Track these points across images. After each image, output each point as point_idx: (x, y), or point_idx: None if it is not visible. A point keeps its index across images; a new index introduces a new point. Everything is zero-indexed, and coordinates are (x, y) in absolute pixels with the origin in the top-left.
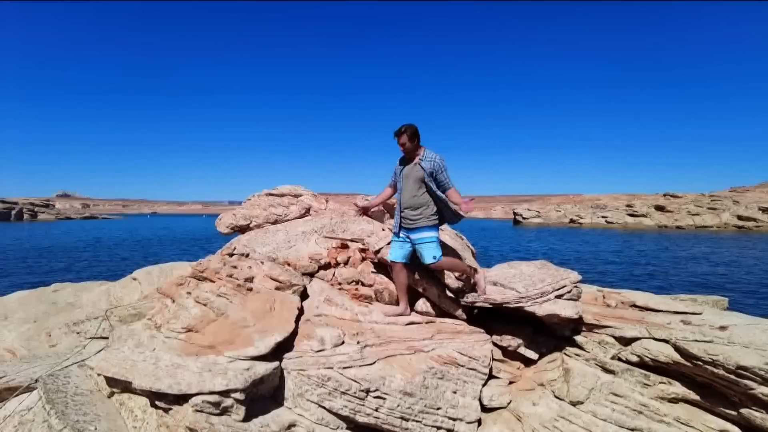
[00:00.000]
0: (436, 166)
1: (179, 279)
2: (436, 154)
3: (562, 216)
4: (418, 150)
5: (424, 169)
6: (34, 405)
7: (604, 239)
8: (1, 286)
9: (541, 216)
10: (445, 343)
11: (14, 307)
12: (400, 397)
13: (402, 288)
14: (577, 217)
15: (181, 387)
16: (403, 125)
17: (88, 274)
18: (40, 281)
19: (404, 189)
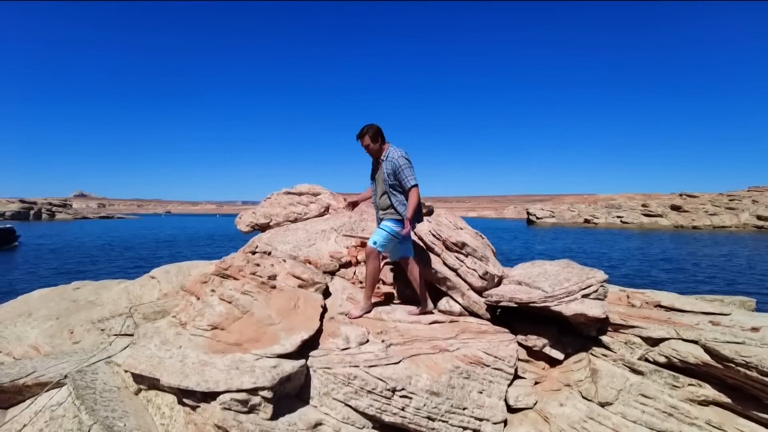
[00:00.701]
0: (395, 166)
1: (203, 277)
2: (397, 151)
3: (577, 216)
4: (383, 149)
5: (385, 170)
6: (64, 400)
7: (620, 239)
8: (24, 283)
9: (555, 216)
10: (470, 342)
11: (37, 305)
12: (427, 396)
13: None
14: (592, 217)
15: (209, 385)
16: (364, 126)
17: (107, 272)
18: (60, 279)
19: (376, 191)
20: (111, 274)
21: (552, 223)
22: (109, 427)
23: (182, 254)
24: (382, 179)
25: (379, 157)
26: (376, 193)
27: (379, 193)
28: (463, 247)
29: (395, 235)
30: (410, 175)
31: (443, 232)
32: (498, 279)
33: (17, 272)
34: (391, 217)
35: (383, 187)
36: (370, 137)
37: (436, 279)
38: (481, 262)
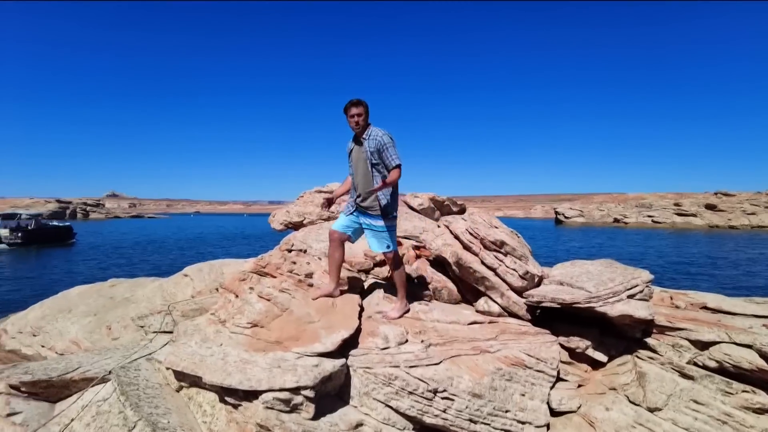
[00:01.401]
0: (380, 144)
1: (241, 274)
2: (380, 130)
3: (606, 215)
4: (366, 128)
5: (368, 149)
6: (109, 396)
7: (653, 239)
8: (64, 280)
9: (584, 215)
10: (511, 344)
11: (76, 301)
12: (469, 398)
13: (335, 264)
14: (622, 216)
15: (252, 383)
16: (356, 98)
17: (141, 270)
18: (96, 276)
19: (356, 173)
20: (145, 272)
21: (581, 222)
22: (154, 423)
23: (212, 253)
24: (363, 159)
25: (361, 135)
26: (355, 174)
27: (360, 174)
28: (502, 246)
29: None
30: (395, 154)
31: (480, 230)
32: (538, 279)
33: (75, 266)
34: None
35: (365, 167)
36: (365, 109)
37: (474, 279)
38: (520, 262)
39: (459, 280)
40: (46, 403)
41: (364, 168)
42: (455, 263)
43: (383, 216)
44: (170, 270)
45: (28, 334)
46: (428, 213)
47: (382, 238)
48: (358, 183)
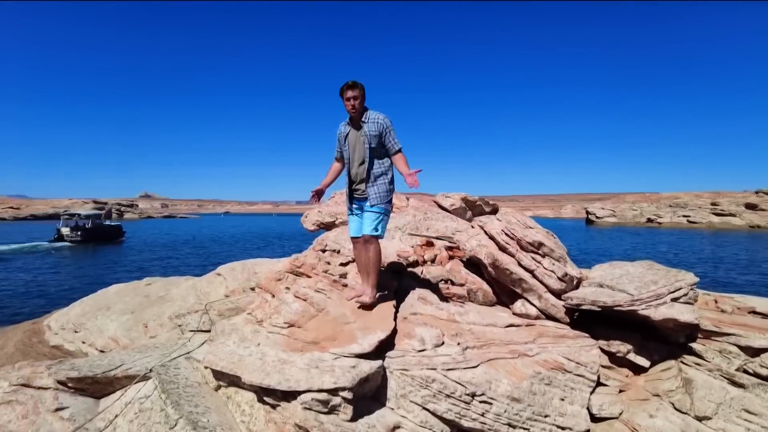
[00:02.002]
0: (382, 128)
1: (277, 274)
2: (380, 114)
3: (639, 215)
4: (364, 112)
5: (368, 132)
6: (151, 393)
7: (689, 240)
8: (101, 278)
9: (616, 215)
10: (549, 347)
11: (114, 299)
12: (507, 402)
13: (364, 267)
14: (656, 216)
15: (290, 384)
16: (352, 80)
17: (175, 269)
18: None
19: (352, 159)
20: (178, 271)
21: (613, 222)
22: (194, 422)
23: (243, 252)
24: (362, 143)
25: (359, 119)
26: (351, 161)
27: (357, 160)
28: (540, 247)
29: (386, 213)
30: (396, 138)
31: (517, 231)
32: (576, 281)
33: (124, 262)
34: (378, 200)
35: (363, 152)
36: (361, 91)
37: (511, 281)
38: (559, 263)
39: (494, 281)
40: (91, 398)
41: (363, 153)
42: (491, 264)
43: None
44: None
45: (70, 330)
46: (460, 213)
47: (374, 221)
48: (354, 167)
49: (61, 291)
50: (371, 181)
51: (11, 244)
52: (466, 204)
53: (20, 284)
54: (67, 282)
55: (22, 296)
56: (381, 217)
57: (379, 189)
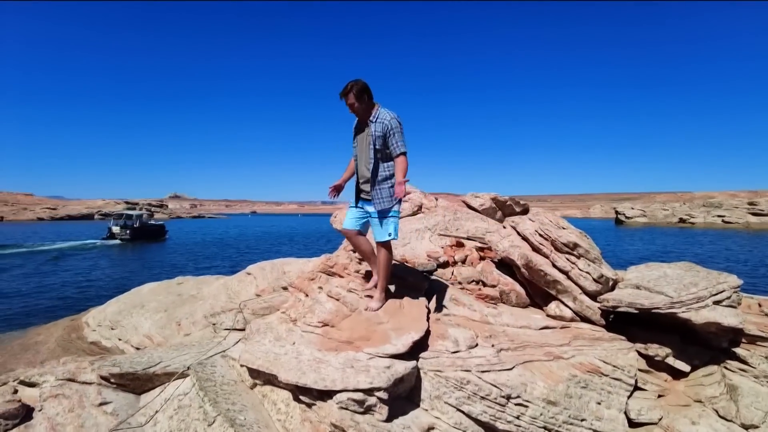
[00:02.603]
0: (386, 129)
1: (310, 274)
2: (389, 113)
3: (670, 215)
4: (371, 110)
5: (374, 133)
6: (189, 391)
7: (725, 241)
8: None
9: (646, 215)
10: (585, 350)
11: (148, 297)
12: (543, 405)
13: (368, 256)
14: (688, 216)
15: (326, 383)
16: (348, 82)
17: (205, 268)
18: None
19: (359, 157)
20: (209, 270)
21: (643, 222)
22: (232, 419)
23: (271, 251)
24: (367, 144)
25: (366, 119)
26: (358, 160)
27: (363, 160)
28: (575, 248)
29: (397, 214)
30: (401, 141)
31: (551, 231)
32: (612, 283)
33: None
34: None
35: (368, 153)
36: (355, 95)
37: (545, 282)
38: (594, 265)
39: (527, 282)
40: (132, 394)
41: (367, 152)
42: (524, 266)
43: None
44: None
45: (106, 327)
46: (489, 213)
47: (386, 225)
48: (360, 168)
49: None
50: (376, 185)
51: (72, 241)
52: (495, 204)
53: (70, 279)
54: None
55: (70, 290)
56: (393, 220)
57: (383, 194)
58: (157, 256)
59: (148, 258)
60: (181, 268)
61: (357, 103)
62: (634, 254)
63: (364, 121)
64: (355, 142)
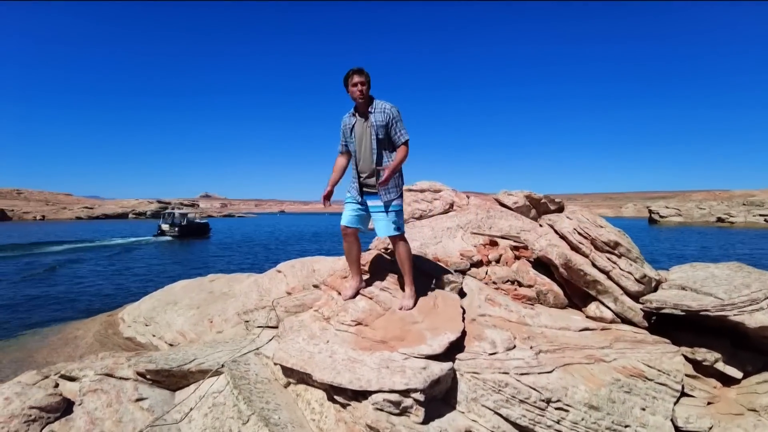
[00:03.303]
0: (389, 117)
1: (343, 272)
2: (387, 103)
3: (707, 214)
4: (370, 101)
5: (376, 122)
6: (223, 389)
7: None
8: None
9: (681, 214)
10: (628, 353)
11: (180, 295)
12: (585, 410)
13: (354, 259)
14: (727, 215)
15: (362, 383)
16: (357, 66)
17: (236, 265)
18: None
19: (359, 152)
20: (240, 268)
21: (678, 222)
22: (266, 418)
23: (300, 249)
24: (369, 134)
25: (365, 110)
26: (358, 153)
27: (366, 153)
28: (616, 247)
29: (401, 208)
30: (404, 129)
31: (590, 230)
32: (655, 283)
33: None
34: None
35: (371, 144)
36: (368, 78)
37: (584, 282)
38: (636, 264)
39: (565, 282)
40: (167, 391)
41: (370, 144)
42: (563, 265)
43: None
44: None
45: (141, 323)
46: (523, 212)
47: (391, 220)
48: (362, 161)
49: (155, 279)
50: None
51: (128, 238)
52: (530, 202)
53: (119, 273)
54: (159, 272)
55: (116, 284)
56: (398, 213)
57: (389, 184)
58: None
59: (195, 252)
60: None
61: (368, 85)
62: (671, 254)
63: (363, 110)
64: (350, 137)
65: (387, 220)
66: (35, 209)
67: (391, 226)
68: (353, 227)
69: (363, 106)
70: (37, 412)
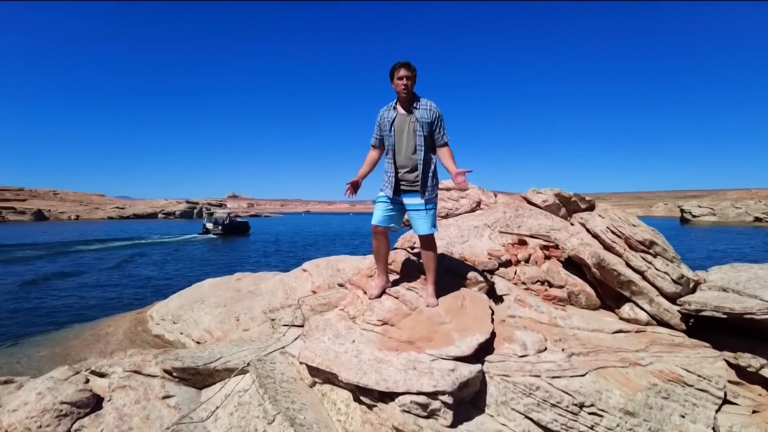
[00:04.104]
0: (434, 116)
1: (368, 270)
2: (431, 101)
3: (743, 213)
4: (414, 97)
5: (420, 119)
6: (249, 387)
7: None
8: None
9: (715, 213)
10: (665, 356)
11: (207, 293)
12: (620, 416)
13: (383, 258)
14: (765, 215)
15: (388, 384)
16: (405, 60)
17: (263, 264)
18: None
19: (400, 145)
20: (266, 267)
21: (712, 222)
22: (292, 419)
23: (324, 249)
24: (413, 130)
25: (409, 104)
26: (397, 148)
27: (406, 149)
28: (651, 246)
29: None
30: (445, 129)
31: (624, 228)
32: (693, 284)
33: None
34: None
35: (416, 140)
36: (414, 73)
37: (618, 282)
38: (672, 264)
39: (598, 283)
40: (193, 389)
41: (414, 140)
42: (596, 265)
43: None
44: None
45: (169, 321)
46: (553, 210)
47: (430, 217)
48: (401, 155)
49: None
50: (427, 174)
51: (180, 235)
52: (559, 200)
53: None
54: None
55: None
56: (435, 212)
57: (432, 182)
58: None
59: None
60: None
61: (413, 80)
62: (706, 255)
63: (406, 105)
64: (390, 130)
65: (427, 218)
66: (70, 209)
67: (430, 225)
68: (384, 226)
69: (406, 101)
70: (68, 407)
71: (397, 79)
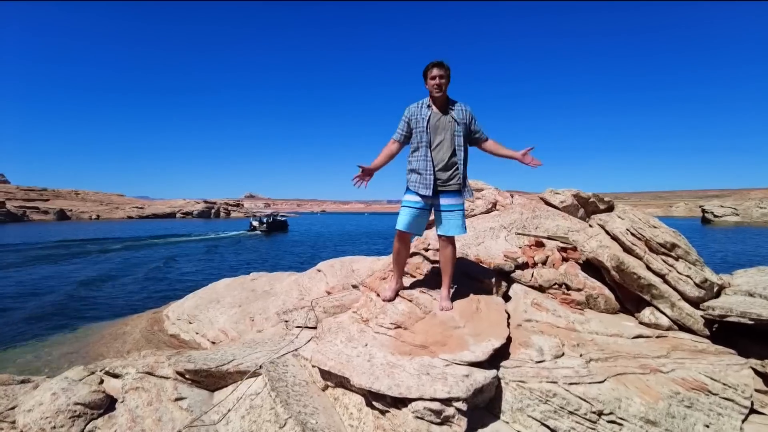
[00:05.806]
0: (470, 117)
1: (382, 273)
2: (463, 103)
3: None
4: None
5: (458, 119)
6: (261, 390)
7: None
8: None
9: (738, 214)
10: (687, 363)
11: (223, 293)
12: (641, 425)
13: (402, 262)
14: None
15: (401, 390)
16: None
17: (277, 264)
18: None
19: (438, 146)
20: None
21: (735, 222)
22: (303, 423)
23: (339, 249)
24: (451, 129)
25: (443, 104)
26: (433, 147)
27: (444, 148)
28: (673, 249)
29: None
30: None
31: (645, 230)
32: (717, 288)
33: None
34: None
35: (456, 140)
36: (448, 72)
37: (638, 286)
38: (695, 268)
39: (617, 286)
40: (205, 391)
41: (453, 139)
42: (615, 268)
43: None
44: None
45: (185, 321)
46: (571, 211)
47: (462, 218)
48: (441, 153)
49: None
50: (467, 174)
51: (230, 232)
52: (578, 201)
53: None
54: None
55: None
56: (464, 213)
57: (467, 183)
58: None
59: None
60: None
61: (447, 80)
62: (731, 257)
63: (441, 105)
64: (426, 128)
65: (460, 219)
66: (91, 209)
67: (461, 226)
68: (410, 232)
69: (441, 101)
70: (81, 408)
71: (430, 79)
